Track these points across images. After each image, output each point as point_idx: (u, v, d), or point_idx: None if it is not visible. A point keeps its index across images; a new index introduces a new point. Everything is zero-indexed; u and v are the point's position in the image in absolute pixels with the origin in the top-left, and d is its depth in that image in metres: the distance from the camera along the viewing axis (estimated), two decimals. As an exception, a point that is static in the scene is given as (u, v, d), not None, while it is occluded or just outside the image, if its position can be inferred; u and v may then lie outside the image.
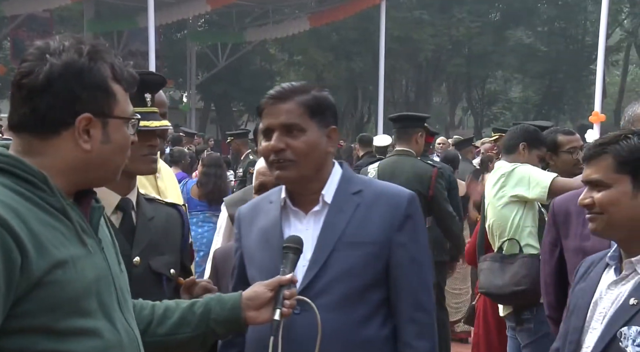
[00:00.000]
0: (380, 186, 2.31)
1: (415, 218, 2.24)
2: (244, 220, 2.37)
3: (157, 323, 1.98)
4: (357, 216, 2.20)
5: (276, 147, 2.16)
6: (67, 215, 1.58)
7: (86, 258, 1.58)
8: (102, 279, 1.62)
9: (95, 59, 1.61)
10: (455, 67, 32.24)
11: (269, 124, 2.19)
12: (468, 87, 35.69)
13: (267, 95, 2.23)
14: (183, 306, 2.02)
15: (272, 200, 2.32)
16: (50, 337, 1.49)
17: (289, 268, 2.05)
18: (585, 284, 2.27)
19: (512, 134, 4.60)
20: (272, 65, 36.58)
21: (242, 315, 2.00)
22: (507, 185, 4.40)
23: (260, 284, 2.04)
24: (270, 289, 2.01)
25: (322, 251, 2.18)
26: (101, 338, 1.57)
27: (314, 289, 2.15)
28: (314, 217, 2.23)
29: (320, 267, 2.16)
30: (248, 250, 2.30)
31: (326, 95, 2.25)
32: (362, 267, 2.16)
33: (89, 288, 1.56)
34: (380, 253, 2.18)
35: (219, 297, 2.06)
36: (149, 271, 2.31)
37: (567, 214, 2.88)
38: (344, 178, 2.27)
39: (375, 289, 2.19)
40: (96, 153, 1.61)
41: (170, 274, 2.36)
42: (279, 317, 1.98)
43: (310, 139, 2.17)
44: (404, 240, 2.20)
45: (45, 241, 1.50)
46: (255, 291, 2.02)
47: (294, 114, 2.17)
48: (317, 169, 2.22)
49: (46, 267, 1.48)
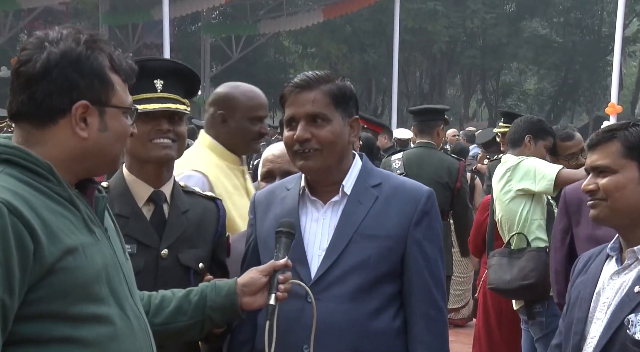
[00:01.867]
0: (399, 181, 2.30)
1: (432, 215, 2.23)
2: (259, 205, 2.35)
3: (153, 313, 1.98)
4: (375, 208, 2.20)
5: (301, 137, 2.16)
6: (74, 204, 1.59)
7: (94, 246, 1.60)
8: (111, 266, 1.63)
9: (92, 48, 1.61)
10: (470, 58, 32.05)
11: (294, 113, 2.18)
12: (482, 79, 35.50)
13: (292, 83, 2.21)
14: (179, 295, 2.04)
15: (289, 187, 2.31)
16: (64, 323, 1.51)
17: (282, 252, 2.06)
18: (585, 276, 2.26)
19: (516, 127, 4.57)
20: (285, 57, 36.55)
21: (237, 301, 2.02)
22: (513, 179, 4.40)
23: (255, 269, 2.06)
24: (264, 274, 2.03)
25: (339, 241, 2.18)
26: (113, 324, 1.59)
27: (328, 279, 2.16)
28: (332, 207, 2.23)
29: (336, 258, 2.16)
30: (262, 237, 2.28)
31: (349, 85, 2.25)
32: (376, 260, 2.16)
33: (99, 274, 1.58)
34: (396, 247, 2.18)
35: (214, 284, 2.07)
36: (177, 263, 2.30)
37: (579, 202, 2.87)
38: (364, 170, 2.27)
39: (388, 281, 2.19)
40: (93, 141, 1.62)
41: (199, 268, 2.35)
42: (274, 301, 1.99)
43: (335, 129, 2.17)
44: (419, 236, 2.20)
45: (56, 229, 1.51)
46: (251, 277, 2.04)
47: (320, 103, 2.16)
48: (340, 160, 2.22)
49: (58, 254, 1.50)
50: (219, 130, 3.09)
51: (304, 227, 2.23)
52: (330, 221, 2.22)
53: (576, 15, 33.52)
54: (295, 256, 2.17)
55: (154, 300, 2.02)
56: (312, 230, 2.23)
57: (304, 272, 2.17)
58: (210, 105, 3.15)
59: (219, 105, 3.10)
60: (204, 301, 2.02)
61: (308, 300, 2.11)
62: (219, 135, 3.10)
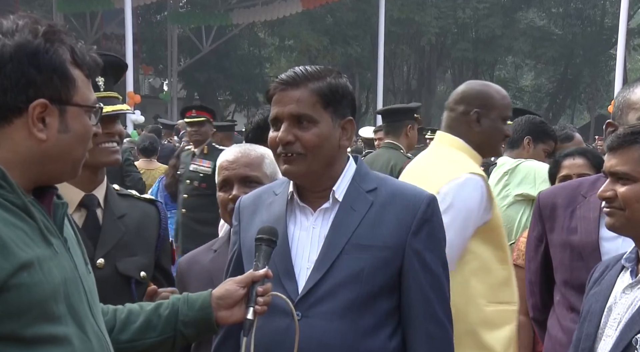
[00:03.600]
0: (397, 185, 2.29)
1: (433, 222, 2.21)
2: (244, 211, 2.35)
3: (119, 329, 1.96)
4: (370, 216, 2.18)
5: (284, 139, 2.15)
6: (29, 213, 1.57)
7: (52, 259, 1.57)
8: (70, 281, 1.61)
9: (52, 40, 1.58)
10: (461, 52, 32.28)
11: (278, 113, 2.17)
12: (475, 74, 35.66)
13: (278, 80, 2.20)
14: (148, 309, 2.01)
15: (277, 192, 2.31)
16: (17, 346, 1.48)
17: (262, 262, 2.04)
18: (599, 288, 2.25)
19: (515, 127, 4.55)
20: (261, 50, 36.54)
21: (212, 315, 2.00)
22: (511, 183, 4.40)
23: (232, 281, 2.04)
24: (242, 286, 2.01)
25: (329, 252, 2.16)
26: (71, 346, 1.57)
27: (317, 294, 2.14)
28: (323, 214, 2.22)
29: (327, 271, 2.14)
30: (247, 246, 2.27)
31: (344, 82, 2.23)
32: (371, 273, 2.14)
33: (57, 291, 1.55)
34: (393, 258, 2.16)
35: (187, 297, 2.05)
36: (115, 273, 2.31)
37: (553, 207, 2.88)
38: (358, 174, 2.26)
39: (384, 296, 2.17)
40: (53, 144, 1.59)
41: (141, 277, 2.37)
42: (252, 316, 1.98)
43: (321, 132, 2.16)
44: (419, 246, 2.17)
45: (9, 242, 1.48)
46: (227, 289, 2.02)
47: (305, 103, 2.15)
48: (328, 164, 2.20)
49: (11, 270, 1.47)
50: (470, 130, 3.11)
51: (292, 237, 2.22)
52: (321, 230, 2.20)
53: (576, 5, 33.90)
54: (282, 269, 2.16)
55: (119, 314, 1.99)
56: (300, 240, 2.22)
57: (290, 287, 2.16)
58: (459, 103, 3.16)
59: (473, 103, 3.12)
60: (176, 315, 2.00)
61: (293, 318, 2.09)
62: (468, 135, 3.11)
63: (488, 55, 32.84)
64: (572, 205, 2.82)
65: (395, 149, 5.90)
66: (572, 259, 2.76)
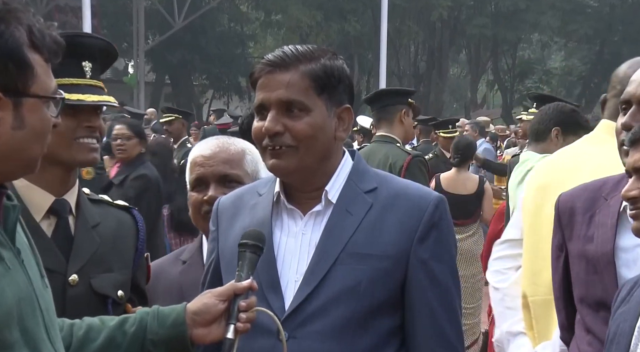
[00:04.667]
0: (400, 185, 2.31)
1: (442, 228, 2.24)
2: (224, 215, 2.38)
3: (77, 348, 1.96)
4: (368, 220, 2.20)
5: (271, 129, 2.16)
6: None
7: (3, 277, 1.58)
8: (25, 300, 1.61)
9: (6, 20, 1.59)
10: (478, 28, 32.39)
11: (264, 99, 2.19)
12: (494, 55, 35.84)
13: (264, 60, 2.22)
14: (111, 325, 2.01)
15: (261, 192, 2.33)
16: None
17: (246, 271, 2.04)
18: (627, 307, 2.26)
19: (541, 117, 4.61)
20: (243, 26, 36.63)
21: (187, 333, 2.00)
22: None
23: (210, 293, 2.04)
24: (222, 299, 2.01)
25: (321, 262, 2.18)
26: None
27: (308, 311, 2.15)
28: (314, 218, 2.24)
29: (318, 284, 2.16)
30: (226, 255, 2.30)
31: (340, 64, 2.26)
32: (369, 286, 2.16)
33: (10, 314, 1.56)
34: (395, 269, 2.18)
35: (157, 311, 2.04)
36: (90, 292, 2.34)
37: (572, 212, 2.91)
38: (356, 171, 2.29)
39: (385, 314, 2.19)
40: (5, 140, 1.60)
41: (118, 297, 2.40)
42: (232, 334, 1.97)
43: (315, 121, 2.18)
44: (425, 255, 2.20)
45: None
46: (204, 303, 2.02)
47: (296, 88, 2.16)
48: (322, 159, 2.23)
49: None
50: None
51: (277, 244, 2.24)
52: (311, 237, 2.23)
53: (614, -28, 33.95)
54: (266, 282, 2.17)
55: (77, 331, 1.99)
56: (288, 248, 2.24)
57: (276, 303, 2.17)
58: None
59: None
60: (143, 333, 2.00)
61: (280, 337, 2.10)
62: None
63: (510, 32, 32.98)
64: (591, 209, 2.82)
65: (392, 142, 5.86)
66: (587, 273, 2.77)
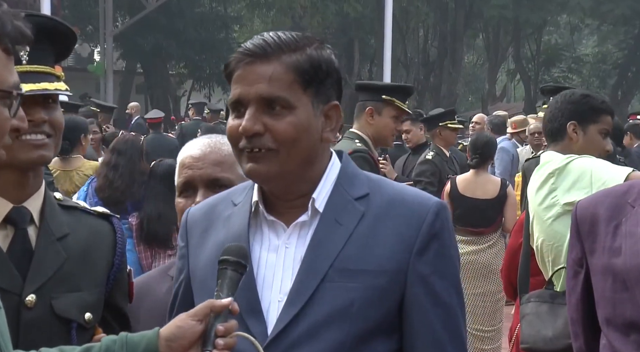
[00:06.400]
0: (395, 190, 2.32)
1: (444, 239, 2.25)
2: (194, 228, 2.38)
3: None
4: (360, 231, 2.21)
5: (250, 129, 2.16)
6: None
7: None
8: None
9: None
10: (497, 10, 32.33)
11: (242, 94, 2.19)
12: (516, 40, 35.83)
13: (242, 50, 2.21)
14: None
15: (236, 201, 2.34)
16: None
17: (226, 291, 2.05)
18: None
19: (552, 113, 4.59)
20: (227, 7, 36.57)
21: None
22: (559, 188, 4.42)
23: (185, 314, 2.05)
24: (198, 319, 2.02)
25: (308, 279, 2.18)
26: None
27: (293, 336, 2.16)
28: (299, 231, 2.25)
29: (304, 304, 2.17)
30: (198, 274, 2.31)
31: (328, 55, 2.26)
32: (363, 306, 2.16)
33: None
34: (391, 287, 2.19)
35: (126, 339, 2.05)
36: (50, 314, 2.31)
37: (593, 220, 2.90)
38: (344, 176, 2.29)
39: (380, 337, 2.20)
40: None
41: (85, 321, 2.37)
42: None
43: (299, 120, 2.18)
44: (425, 270, 2.21)
45: None
46: (178, 327, 2.02)
47: (280, 82, 2.17)
48: (307, 163, 2.23)
49: None
50: None
51: (257, 261, 2.24)
52: (296, 251, 2.23)
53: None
54: (245, 303, 2.15)
55: None
56: (269, 264, 2.24)
57: (257, 328, 2.17)
58: None
59: None
60: None
61: None
62: None
63: (534, 14, 32.90)
64: (616, 218, 2.83)
65: (351, 139, 5.90)
66: (614, 290, 2.77)
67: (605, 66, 37.89)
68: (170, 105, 32.96)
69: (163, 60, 33.82)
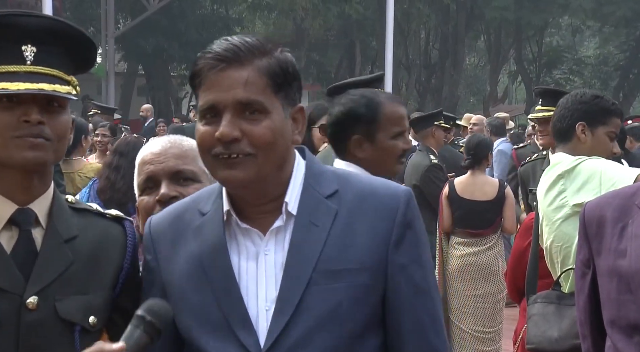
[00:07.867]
0: (364, 183, 2.34)
1: (415, 226, 2.28)
2: (161, 240, 2.37)
3: None
4: (336, 230, 2.22)
5: (228, 135, 2.15)
6: None
7: None
8: None
9: None
10: (499, 11, 32.33)
11: (217, 100, 2.18)
12: (517, 42, 35.83)
13: (211, 54, 2.20)
14: None
15: (204, 210, 2.32)
16: None
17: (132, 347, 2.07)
18: None
19: (561, 113, 4.58)
20: (228, 9, 36.58)
21: None
22: (569, 189, 4.42)
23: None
24: None
25: (293, 285, 2.18)
26: None
27: (287, 344, 2.16)
28: (275, 236, 2.24)
29: (294, 311, 2.17)
30: (175, 291, 2.30)
31: (292, 58, 2.29)
32: (351, 306, 2.18)
33: None
34: (373, 282, 2.21)
35: None
36: (53, 317, 2.29)
37: (600, 222, 2.90)
38: (311, 174, 2.30)
39: (370, 333, 2.22)
40: None
41: (89, 324, 2.35)
42: None
43: (274, 124, 2.19)
44: (403, 260, 2.24)
45: None
46: None
47: (255, 86, 2.17)
48: (280, 167, 2.24)
49: None
50: None
51: (237, 271, 2.23)
52: (276, 257, 2.23)
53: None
54: (233, 316, 2.17)
55: None
56: (250, 274, 2.23)
57: (249, 339, 2.17)
58: None
59: None
60: None
61: None
62: None
63: (535, 15, 32.91)
64: (623, 219, 2.83)
65: None
66: (619, 292, 2.77)
67: (607, 68, 37.90)
68: (172, 107, 32.96)
69: (164, 62, 33.83)
